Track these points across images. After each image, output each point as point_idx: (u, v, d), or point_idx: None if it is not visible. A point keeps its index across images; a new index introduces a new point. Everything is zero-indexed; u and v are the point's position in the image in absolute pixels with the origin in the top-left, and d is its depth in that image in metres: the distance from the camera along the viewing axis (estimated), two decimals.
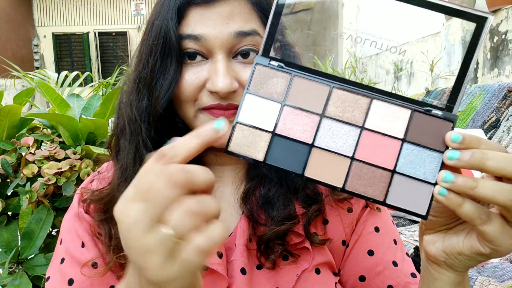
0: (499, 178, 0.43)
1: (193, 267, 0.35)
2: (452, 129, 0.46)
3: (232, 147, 0.46)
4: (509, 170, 0.40)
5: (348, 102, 0.47)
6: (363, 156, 0.46)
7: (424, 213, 0.45)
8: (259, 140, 0.46)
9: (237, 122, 0.47)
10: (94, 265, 0.63)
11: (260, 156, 0.46)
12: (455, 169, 0.44)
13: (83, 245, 0.65)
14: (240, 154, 0.46)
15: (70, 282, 0.62)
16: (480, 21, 0.45)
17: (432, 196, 0.44)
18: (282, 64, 0.48)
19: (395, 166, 0.46)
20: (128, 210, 0.36)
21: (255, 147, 0.46)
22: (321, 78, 0.47)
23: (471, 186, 0.40)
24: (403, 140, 0.46)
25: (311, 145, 0.46)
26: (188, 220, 0.35)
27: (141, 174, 0.37)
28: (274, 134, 0.46)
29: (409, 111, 0.47)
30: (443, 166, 0.44)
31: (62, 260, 0.64)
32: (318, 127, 0.46)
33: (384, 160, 0.46)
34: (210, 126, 0.38)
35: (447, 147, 0.44)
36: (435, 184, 0.44)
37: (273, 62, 0.48)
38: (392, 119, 0.46)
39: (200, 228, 0.35)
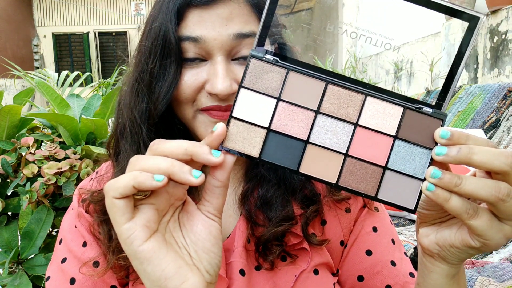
0: (490, 174, 0.44)
1: None
2: (442, 126, 0.46)
3: (227, 143, 0.46)
4: (495, 164, 0.41)
5: (343, 98, 0.47)
6: (356, 152, 0.46)
7: (412, 207, 0.46)
8: (254, 135, 0.46)
9: (232, 117, 0.46)
10: (95, 264, 0.63)
11: (255, 152, 0.46)
12: (445, 165, 0.45)
13: (84, 244, 0.64)
14: (235, 150, 0.46)
15: (72, 281, 0.62)
16: (472, 20, 0.45)
17: (421, 191, 0.45)
18: (277, 58, 0.48)
19: (387, 162, 0.46)
20: None
21: (250, 143, 0.46)
22: (317, 73, 0.47)
23: (456, 183, 0.42)
24: (395, 137, 0.47)
25: (306, 142, 0.46)
26: None
27: None
28: (269, 130, 0.46)
29: (401, 109, 0.47)
30: (432, 162, 0.45)
31: (64, 260, 0.64)
32: (313, 123, 0.47)
33: (376, 156, 0.46)
34: None
35: (436, 144, 0.45)
36: (424, 179, 0.45)
37: (268, 56, 0.47)
38: (385, 116, 0.47)
39: None
